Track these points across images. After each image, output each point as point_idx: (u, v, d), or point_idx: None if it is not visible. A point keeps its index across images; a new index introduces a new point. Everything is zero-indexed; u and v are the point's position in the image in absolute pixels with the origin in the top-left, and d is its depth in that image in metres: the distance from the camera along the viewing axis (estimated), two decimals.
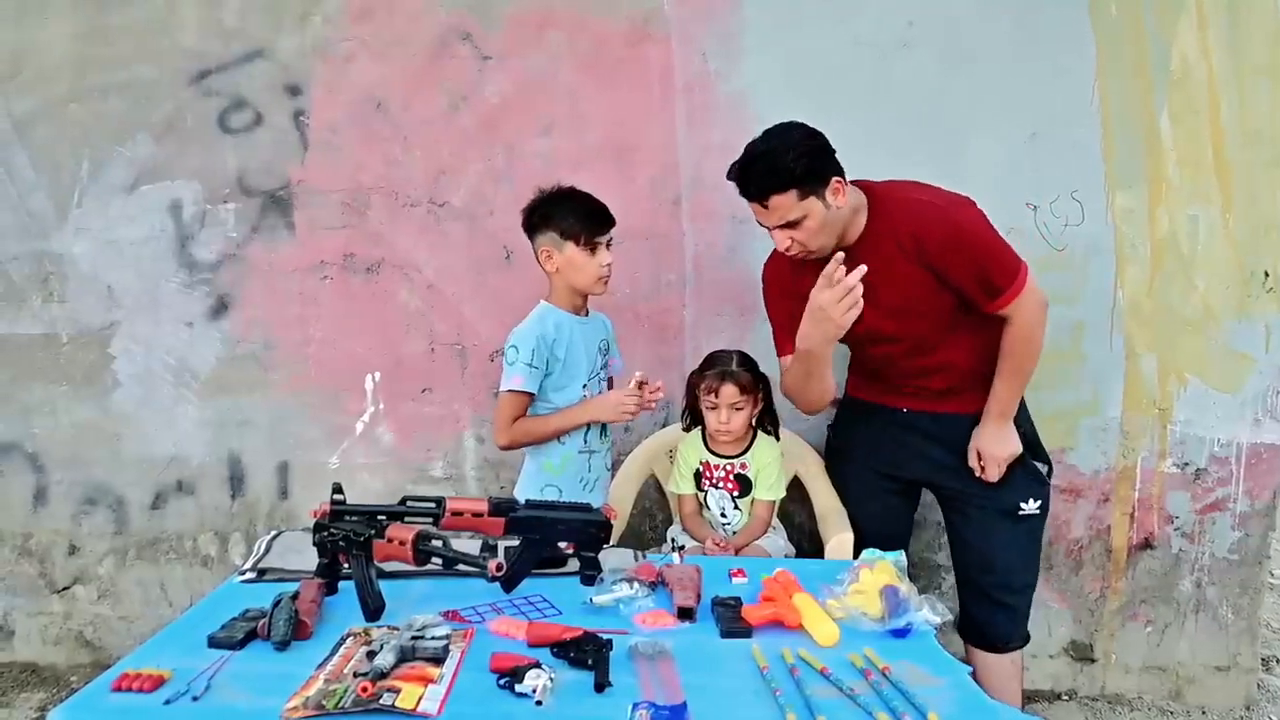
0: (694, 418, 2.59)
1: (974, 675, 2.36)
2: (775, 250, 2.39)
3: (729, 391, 2.42)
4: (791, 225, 2.08)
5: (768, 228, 2.13)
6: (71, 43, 2.83)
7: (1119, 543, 2.88)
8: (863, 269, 1.90)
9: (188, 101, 2.84)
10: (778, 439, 2.56)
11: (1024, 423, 2.31)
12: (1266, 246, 2.70)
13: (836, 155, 2.09)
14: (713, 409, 2.45)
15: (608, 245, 2.28)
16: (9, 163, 2.90)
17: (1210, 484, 2.82)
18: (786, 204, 2.05)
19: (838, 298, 1.92)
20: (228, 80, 2.83)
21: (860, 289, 1.91)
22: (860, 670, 1.55)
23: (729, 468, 2.51)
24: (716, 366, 2.45)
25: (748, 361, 2.48)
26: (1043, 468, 2.32)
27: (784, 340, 2.37)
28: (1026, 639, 2.43)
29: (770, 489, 2.50)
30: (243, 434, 2.99)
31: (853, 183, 2.17)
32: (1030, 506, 2.29)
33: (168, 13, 2.81)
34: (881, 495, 2.46)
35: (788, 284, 2.34)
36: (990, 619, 2.38)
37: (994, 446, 2.22)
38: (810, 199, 2.04)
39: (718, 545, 2.41)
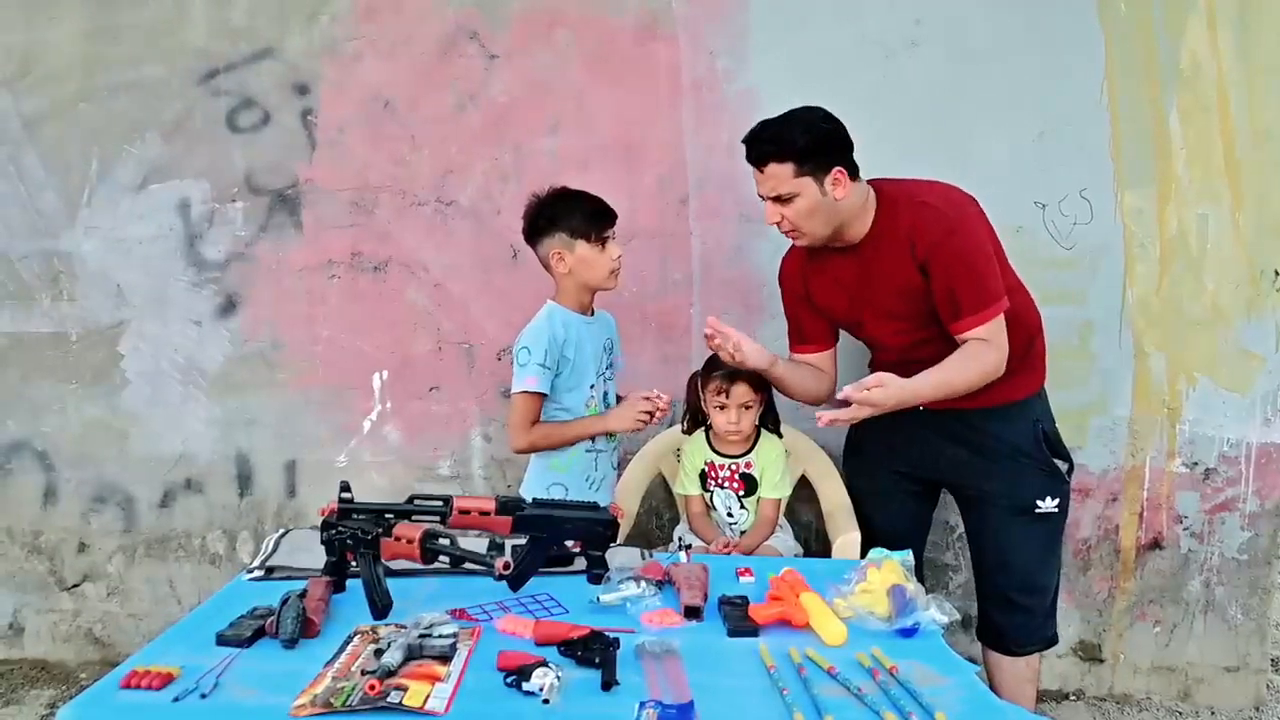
0: (694, 420, 2.58)
1: (990, 679, 2.37)
2: (788, 252, 2.40)
3: (740, 391, 2.40)
4: (782, 200, 2.09)
5: (762, 198, 2.15)
6: (80, 42, 2.85)
7: (1127, 542, 2.87)
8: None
9: (196, 101, 2.85)
10: (780, 436, 2.56)
11: (1045, 420, 2.28)
12: (1276, 246, 2.69)
13: (852, 152, 2.10)
14: (722, 409, 2.43)
15: (613, 238, 2.30)
16: (19, 162, 2.91)
17: (1219, 484, 2.81)
18: (781, 175, 2.07)
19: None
20: (236, 79, 2.84)
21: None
22: (868, 669, 1.55)
23: (734, 467, 2.51)
24: (725, 367, 2.43)
25: None
26: (1063, 465, 2.28)
27: (792, 338, 2.44)
28: (1048, 643, 2.39)
29: (776, 487, 2.49)
30: (251, 432, 3.00)
31: (868, 181, 2.16)
32: (1048, 505, 2.25)
33: (176, 12, 2.82)
34: (899, 496, 2.44)
35: (798, 289, 2.37)
36: (1007, 621, 2.35)
37: (884, 395, 2.01)
38: (806, 179, 2.06)
39: (726, 549, 2.41)
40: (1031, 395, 2.28)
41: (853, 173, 2.11)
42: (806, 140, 2.05)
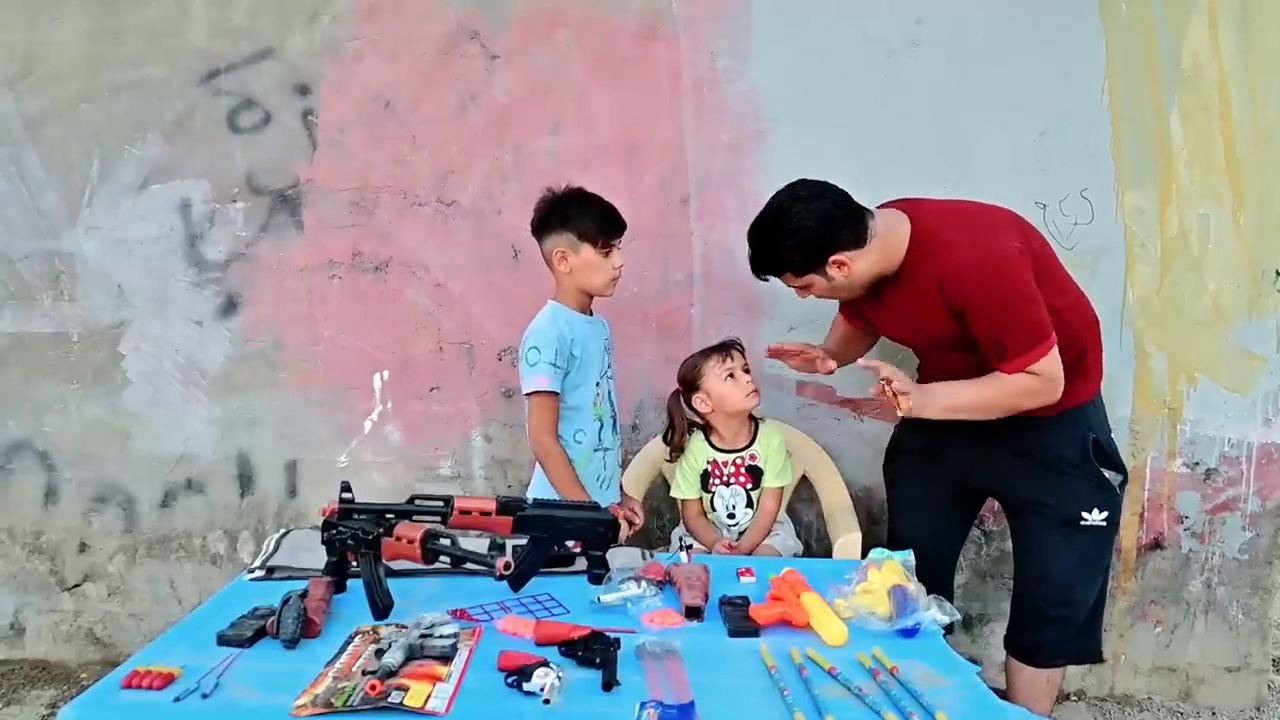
0: (677, 441, 2.56)
1: (1008, 685, 2.34)
2: None
3: (738, 355, 2.48)
4: (800, 288, 2.16)
5: None
6: (82, 42, 2.85)
7: (1128, 543, 2.86)
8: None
9: (197, 101, 2.85)
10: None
11: (1098, 429, 2.22)
12: (1278, 245, 2.68)
13: (846, 222, 2.02)
14: (732, 378, 2.44)
15: (619, 247, 2.29)
16: (20, 162, 2.91)
17: (1220, 484, 2.81)
18: (786, 279, 2.15)
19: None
20: (237, 80, 2.84)
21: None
22: (868, 670, 1.55)
23: (739, 461, 2.51)
24: (711, 355, 2.49)
25: None
26: (1115, 477, 2.20)
27: (840, 307, 2.47)
28: (1084, 657, 2.36)
29: (778, 476, 2.50)
30: (251, 432, 3.00)
31: (900, 204, 2.13)
32: (1094, 517, 2.18)
33: (178, 12, 2.82)
34: (938, 505, 2.40)
35: None
36: (1038, 632, 2.29)
37: (919, 395, 2.05)
38: (809, 275, 2.09)
39: (727, 549, 2.41)
40: (1084, 403, 2.19)
41: (857, 242, 2.03)
42: (793, 255, 2.07)
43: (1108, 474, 2.20)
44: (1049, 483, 2.20)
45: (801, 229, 2.02)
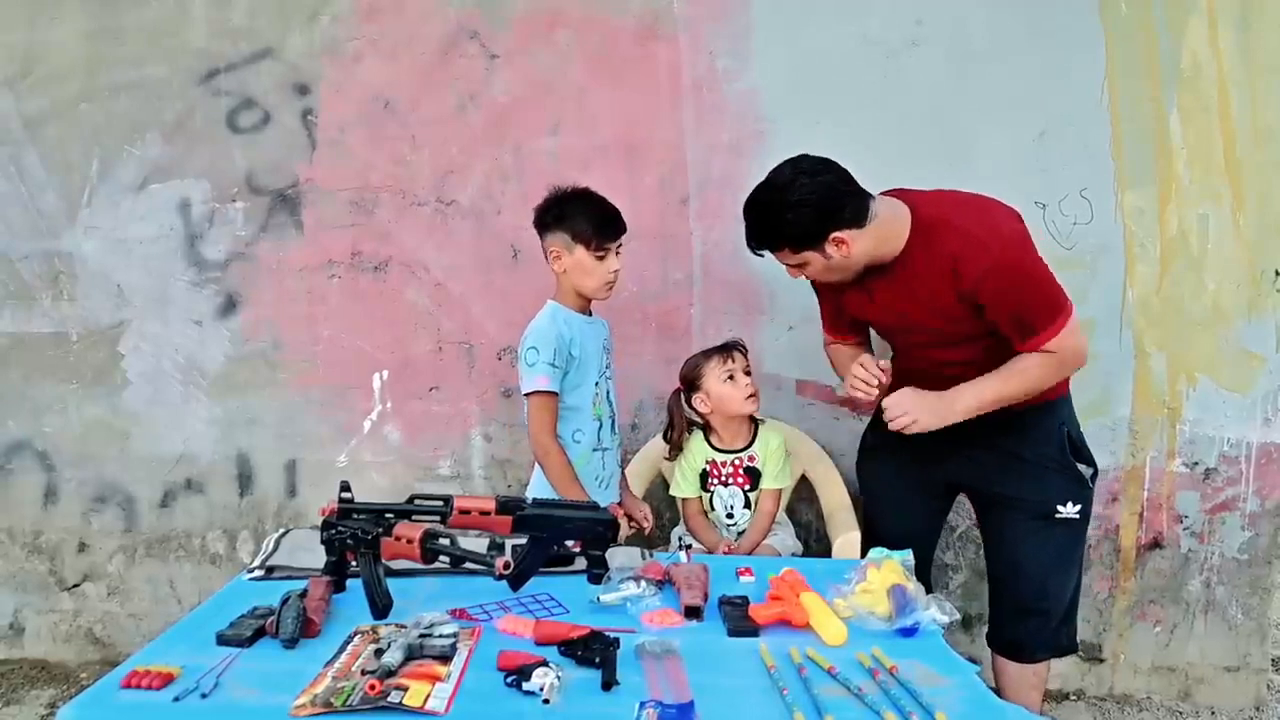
0: (676, 439, 2.56)
1: (996, 682, 2.35)
2: None
3: (739, 356, 2.46)
4: (795, 266, 2.11)
5: None
6: (82, 42, 2.85)
7: (1128, 542, 2.86)
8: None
9: (197, 101, 2.85)
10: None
11: (1070, 423, 2.23)
12: (1277, 245, 2.68)
13: (848, 199, 2.00)
14: (732, 379, 2.44)
15: (617, 251, 2.28)
16: (20, 162, 2.91)
17: (1220, 483, 2.81)
18: (783, 255, 2.09)
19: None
20: (236, 79, 2.84)
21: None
22: (868, 669, 1.55)
23: (737, 462, 2.51)
24: (714, 354, 2.48)
25: None
26: (1086, 470, 2.22)
27: (829, 327, 2.40)
28: (1062, 651, 2.36)
29: (776, 478, 2.49)
30: (251, 432, 3.00)
31: (898, 193, 2.10)
32: (1069, 510, 2.19)
33: (177, 12, 2.82)
34: (914, 500, 2.39)
35: (831, 290, 2.29)
36: (1020, 627, 2.30)
37: (922, 410, 2.08)
38: (807, 252, 2.04)
39: (728, 551, 2.41)
40: (1058, 398, 2.21)
41: (857, 221, 2.00)
42: (795, 228, 2.00)
43: (1080, 467, 2.21)
44: (1028, 477, 2.21)
45: (804, 202, 1.97)
